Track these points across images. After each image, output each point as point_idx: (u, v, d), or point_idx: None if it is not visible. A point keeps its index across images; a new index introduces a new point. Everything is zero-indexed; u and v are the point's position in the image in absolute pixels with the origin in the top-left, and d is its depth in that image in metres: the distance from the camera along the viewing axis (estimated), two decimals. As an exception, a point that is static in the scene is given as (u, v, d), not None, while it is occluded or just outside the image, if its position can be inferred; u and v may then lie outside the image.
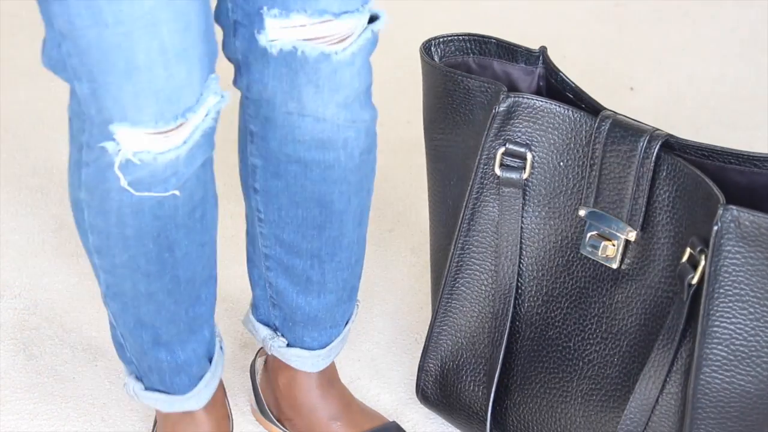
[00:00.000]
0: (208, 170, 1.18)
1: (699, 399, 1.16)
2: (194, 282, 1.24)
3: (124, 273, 1.20)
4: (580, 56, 2.14)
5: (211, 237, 1.24)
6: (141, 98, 1.04)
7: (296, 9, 1.11)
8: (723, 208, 1.10)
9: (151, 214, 1.14)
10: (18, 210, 1.78)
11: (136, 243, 1.17)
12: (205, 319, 1.29)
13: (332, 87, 1.16)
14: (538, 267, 1.31)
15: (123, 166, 1.09)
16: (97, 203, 1.15)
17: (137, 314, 1.24)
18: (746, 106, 2.03)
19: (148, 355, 1.28)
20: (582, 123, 1.25)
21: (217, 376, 1.35)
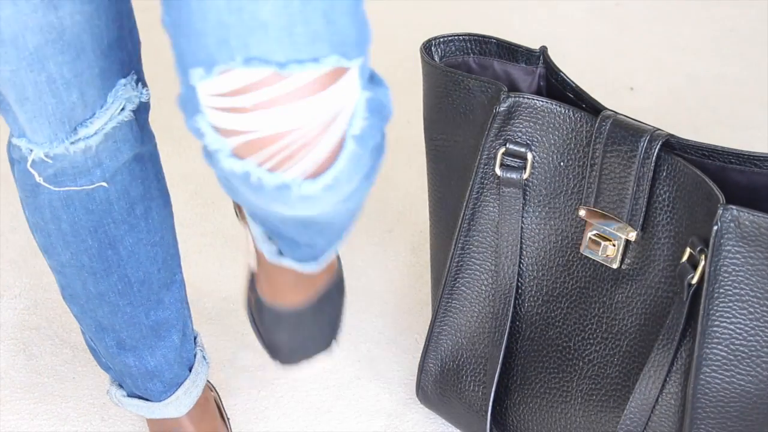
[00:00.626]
0: (147, 167, 1.16)
1: (699, 399, 1.16)
2: (150, 284, 1.22)
3: (72, 272, 1.20)
4: (580, 56, 2.14)
5: (163, 238, 1.21)
6: (34, 123, 1.05)
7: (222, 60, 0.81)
8: (723, 208, 1.10)
9: (82, 207, 1.14)
10: (18, 210, 1.78)
11: (74, 239, 1.17)
12: (173, 324, 1.27)
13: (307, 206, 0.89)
14: (539, 267, 1.31)
15: (39, 163, 1.09)
16: (31, 200, 1.16)
17: (95, 317, 1.24)
18: (746, 106, 2.03)
19: (117, 360, 1.28)
20: (582, 123, 1.25)
21: (198, 385, 1.34)
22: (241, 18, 0.80)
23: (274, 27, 0.80)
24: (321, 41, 0.81)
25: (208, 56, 0.81)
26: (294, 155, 0.83)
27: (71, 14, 0.98)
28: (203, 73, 0.82)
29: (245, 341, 1.57)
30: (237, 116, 0.82)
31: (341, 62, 0.81)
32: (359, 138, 0.85)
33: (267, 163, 0.84)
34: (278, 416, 1.48)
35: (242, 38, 0.80)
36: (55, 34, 0.99)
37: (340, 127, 0.84)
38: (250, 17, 0.79)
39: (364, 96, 0.84)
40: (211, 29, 0.80)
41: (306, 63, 0.80)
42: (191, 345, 1.33)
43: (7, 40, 0.97)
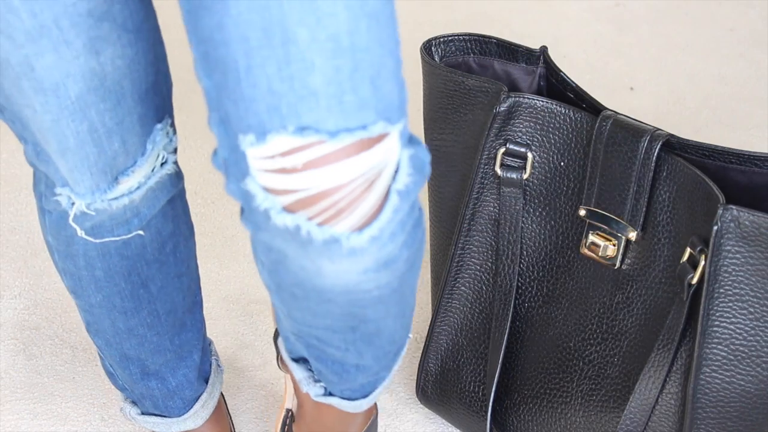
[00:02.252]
0: (177, 205, 1.15)
1: (699, 399, 1.16)
2: (176, 312, 1.23)
3: (101, 312, 1.19)
4: (580, 56, 2.14)
5: (189, 267, 1.21)
6: (75, 173, 1.02)
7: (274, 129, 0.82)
8: (723, 208, 1.10)
9: (117, 254, 1.13)
10: (18, 210, 1.78)
11: (107, 284, 1.16)
12: (194, 344, 1.28)
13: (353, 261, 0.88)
14: (539, 267, 1.31)
15: (78, 216, 1.07)
16: (63, 248, 1.14)
17: (121, 349, 1.23)
18: (746, 106, 2.03)
19: (139, 384, 1.28)
20: (583, 123, 1.25)
21: (214, 396, 1.35)
22: (292, 86, 0.80)
23: (324, 95, 0.81)
24: (368, 108, 0.82)
25: (259, 123, 0.82)
26: (343, 210, 0.85)
27: (112, 59, 0.96)
28: (254, 140, 0.82)
29: (245, 341, 1.57)
30: (288, 176, 0.83)
31: (387, 128, 0.83)
32: (403, 192, 0.87)
33: (317, 217, 0.85)
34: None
35: (293, 107, 0.81)
36: (96, 80, 0.96)
37: (385, 182, 0.86)
38: (301, 85, 0.80)
39: (407, 153, 0.87)
40: (261, 96, 0.81)
41: (355, 131, 0.82)
42: (208, 357, 1.33)
43: (49, 89, 0.94)
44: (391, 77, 0.85)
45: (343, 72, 0.81)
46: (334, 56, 0.80)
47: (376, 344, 1.04)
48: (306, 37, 0.79)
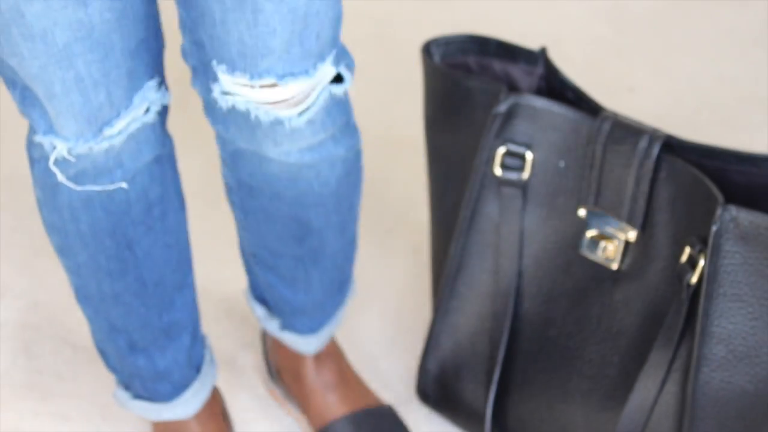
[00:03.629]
0: (166, 169, 1.19)
1: (698, 398, 1.16)
2: (164, 286, 1.24)
3: (87, 273, 1.21)
4: (580, 56, 2.14)
5: (177, 240, 1.24)
6: (61, 118, 1.06)
7: (240, 68, 1.05)
8: (722, 208, 1.10)
9: (102, 208, 1.15)
10: (18, 210, 1.79)
11: (93, 240, 1.18)
12: (184, 326, 1.29)
13: (292, 141, 1.12)
14: (538, 267, 1.31)
15: (61, 162, 1.10)
16: (50, 200, 1.17)
17: (108, 318, 1.25)
18: (746, 106, 2.03)
19: (127, 361, 1.29)
20: (582, 123, 1.25)
21: (207, 386, 1.35)
22: (256, 44, 1.02)
23: (279, 50, 1.03)
24: (311, 56, 1.06)
25: (230, 60, 1.05)
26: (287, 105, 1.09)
27: (100, 12, 1.00)
28: (225, 70, 1.06)
29: (245, 341, 1.57)
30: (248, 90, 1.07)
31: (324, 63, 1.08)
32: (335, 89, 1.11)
33: (264, 107, 1.09)
34: (278, 417, 1.48)
35: (255, 58, 1.03)
36: (84, 31, 1.00)
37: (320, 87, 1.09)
38: (263, 45, 1.02)
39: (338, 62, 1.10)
40: (233, 42, 1.03)
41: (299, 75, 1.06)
42: (200, 346, 1.34)
43: (37, 35, 0.98)
44: (332, 24, 1.06)
45: (296, 33, 1.03)
46: (292, 23, 1.01)
47: (321, 265, 1.28)
48: (271, 9, 1.00)
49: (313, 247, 1.27)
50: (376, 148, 1.88)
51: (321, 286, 1.33)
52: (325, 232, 1.25)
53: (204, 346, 1.36)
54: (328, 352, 1.43)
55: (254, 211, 1.25)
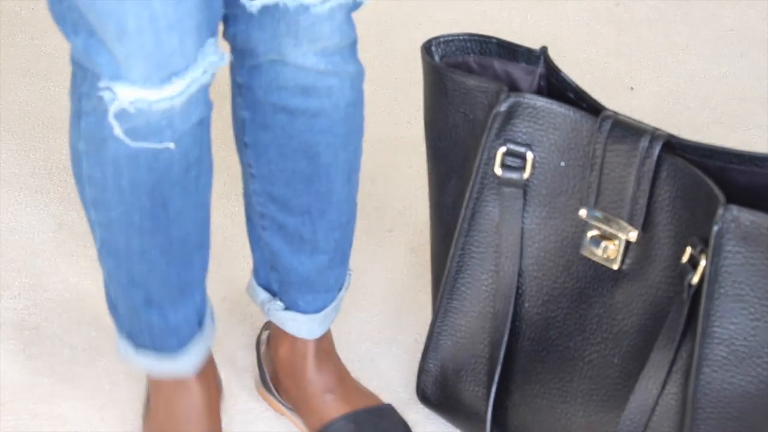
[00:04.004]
0: (204, 131, 1.21)
1: (699, 399, 1.16)
2: (186, 244, 1.27)
3: (119, 228, 1.23)
4: (580, 56, 2.14)
5: (205, 200, 1.27)
6: (131, 59, 1.08)
7: None
8: (723, 208, 1.10)
9: (146, 165, 1.17)
10: (18, 210, 1.78)
11: (131, 196, 1.20)
12: (197, 284, 1.32)
13: (311, 38, 1.19)
14: (539, 267, 1.31)
15: (118, 114, 1.12)
16: (94, 153, 1.18)
17: (130, 272, 1.27)
18: (746, 106, 2.03)
19: (140, 315, 1.31)
20: (583, 123, 1.25)
21: (207, 342, 1.38)
22: None
23: None
24: None
25: None
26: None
27: None
28: None
29: (245, 341, 1.57)
30: None
31: None
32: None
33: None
34: (278, 416, 1.47)
35: None
36: None
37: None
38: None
39: None
40: None
41: None
42: (206, 303, 1.37)
43: None
44: None
45: None
46: None
47: (327, 218, 1.32)
48: None
49: (321, 192, 1.30)
50: (377, 148, 1.87)
51: (326, 248, 1.35)
52: (332, 170, 1.29)
53: (207, 303, 1.39)
54: (326, 351, 1.44)
55: (266, 148, 1.29)
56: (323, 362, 1.43)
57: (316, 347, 1.42)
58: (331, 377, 1.43)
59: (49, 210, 1.78)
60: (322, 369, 1.43)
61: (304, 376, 1.43)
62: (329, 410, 1.41)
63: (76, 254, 1.70)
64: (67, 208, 1.78)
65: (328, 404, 1.42)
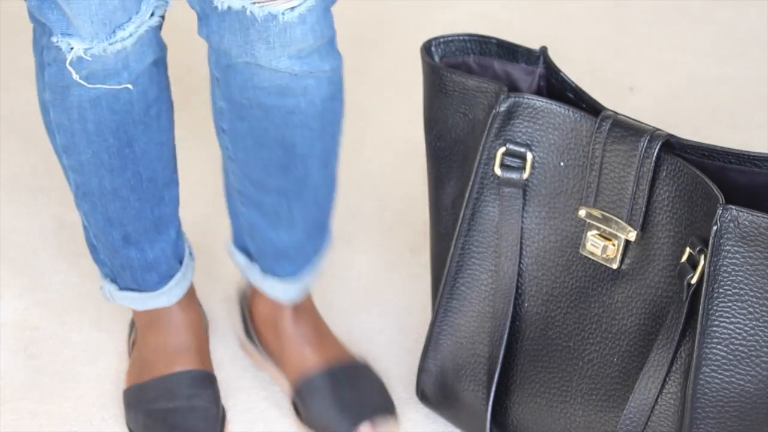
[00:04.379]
0: (162, 71, 1.29)
1: (698, 399, 1.16)
2: (156, 181, 1.34)
3: (90, 170, 1.31)
4: (580, 56, 2.14)
5: (168, 139, 1.34)
6: (78, 20, 1.17)
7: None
8: (722, 208, 1.10)
9: (108, 107, 1.25)
10: (18, 210, 1.78)
11: (98, 138, 1.28)
12: (170, 219, 1.39)
13: (283, 43, 1.21)
14: (538, 267, 1.31)
15: (75, 62, 1.20)
16: (60, 101, 1.26)
17: (106, 212, 1.35)
18: (746, 106, 2.03)
19: (120, 253, 1.38)
20: (582, 123, 1.25)
21: (187, 277, 1.46)
22: None
23: None
24: None
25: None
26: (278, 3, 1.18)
27: None
28: None
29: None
30: None
31: None
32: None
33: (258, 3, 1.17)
34: (278, 416, 1.48)
35: None
36: None
37: None
38: None
39: None
40: None
41: None
42: (182, 241, 1.45)
43: None
44: None
45: None
46: None
47: (304, 199, 1.35)
48: None
49: (297, 177, 1.34)
50: (377, 148, 1.87)
51: (303, 225, 1.39)
52: (309, 160, 1.32)
53: (185, 241, 1.46)
54: (305, 306, 1.48)
55: (242, 136, 1.32)
56: (301, 316, 1.47)
57: (296, 311, 1.47)
58: (309, 330, 1.47)
59: (49, 210, 1.78)
60: (301, 322, 1.47)
61: (284, 328, 1.47)
62: (308, 362, 1.45)
63: (77, 254, 1.70)
64: (67, 208, 1.78)
65: (306, 356, 1.45)
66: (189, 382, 1.43)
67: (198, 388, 1.43)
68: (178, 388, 1.43)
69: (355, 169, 1.82)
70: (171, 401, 1.42)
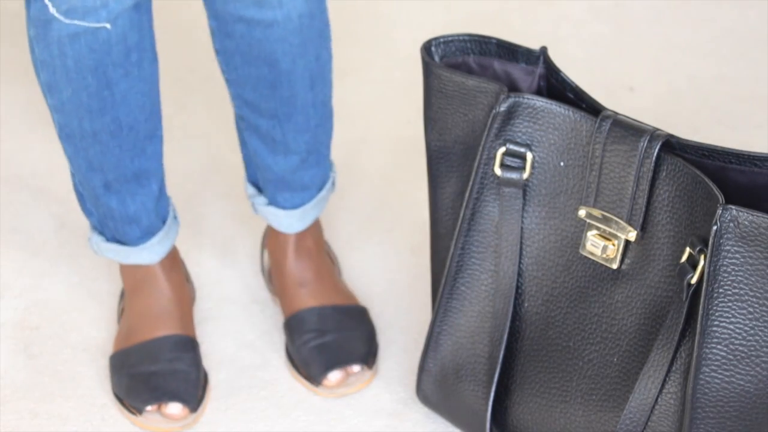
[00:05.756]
0: (144, 18, 1.31)
1: (698, 399, 1.16)
2: (137, 131, 1.37)
3: (71, 109, 1.34)
4: (580, 56, 2.14)
5: (151, 90, 1.37)
6: None
7: None
8: (722, 208, 1.10)
9: (87, 45, 1.28)
10: (18, 210, 1.79)
11: (77, 75, 1.30)
12: (152, 174, 1.43)
13: None
14: (538, 267, 1.31)
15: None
16: (42, 36, 1.29)
17: (87, 156, 1.38)
18: (746, 106, 2.03)
19: (101, 201, 1.43)
20: (582, 123, 1.25)
21: (170, 237, 1.50)
22: None
23: None
24: None
25: None
26: None
27: None
28: None
29: (245, 341, 1.57)
30: None
31: None
32: None
33: None
34: (278, 416, 1.48)
35: None
36: None
37: None
38: None
39: None
40: None
41: None
42: (166, 201, 1.49)
43: None
44: None
45: None
46: None
47: (294, 122, 1.41)
48: None
49: (284, 97, 1.39)
50: (377, 148, 1.87)
51: (297, 150, 1.44)
52: (294, 78, 1.38)
53: (169, 203, 1.50)
54: (308, 250, 1.54)
55: (232, 54, 1.38)
56: (302, 257, 1.53)
57: (296, 243, 1.53)
58: (306, 272, 1.53)
59: (49, 210, 1.78)
60: (300, 263, 1.53)
61: (284, 267, 1.54)
62: (298, 301, 1.52)
63: (77, 254, 1.70)
64: (67, 208, 1.78)
65: (299, 296, 1.52)
66: (171, 346, 1.48)
67: (180, 352, 1.48)
68: (160, 352, 1.48)
69: (355, 169, 1.82)
70: (153, 364, 1.47)
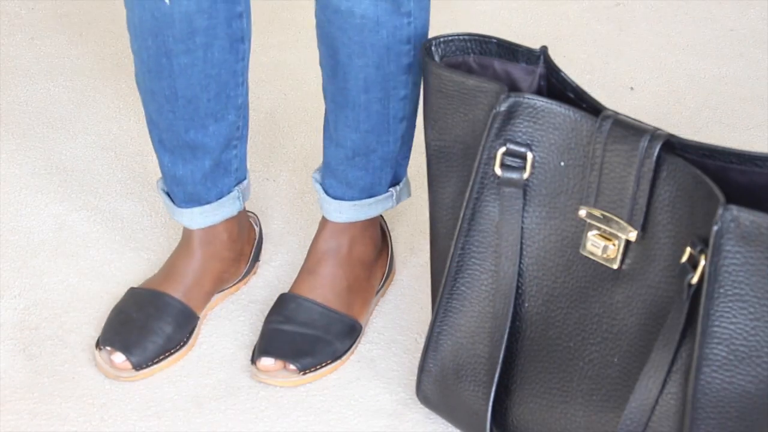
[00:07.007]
0: (219, 9, 1.36)
1: (699, 399, 1.16)
2: (196, 107, 1.42)
3: (138, 60, 1.42)
4: (580, 56, 2.14)
5: (219, 75, 1.42)
6: None
7: None
8: (723, 208, 1.10)
9: (149, 10, 1.35)
10: (18, 210, 1.78)
11: (140, 32, 1.38)
12: (208, 151, 1.48)
13: None
14: (539, 267, 1.31)
15: None
16: None
17: (148, 108, 1.45)
18: (746, 106, 2.03)
19: (158, 150, 1.49)
20: (583, 123, 1.25)
21: (218, 214, 1.54)
22: None
23: None
24: None
25: None
26: None
27: None
28: None
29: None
30: None
31: None
32: None
33: None
34: (278, 416, 1.48)
35: None
36: None
37: None
38: None
39: None
40: None
41: None
42: (228, 180, 1.53)
43: None
44: None
45: None
46: None
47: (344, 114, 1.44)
48: None
49: (339, 87, 1.42)
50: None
51: (343, 144, 1.47)
52: (348, 72, 1.40)
53: (234, 185, 1.55)
54: (338, 250, 1.55)
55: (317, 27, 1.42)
56: (329, 250, 1.55)
57: (331, 232, 1.55)
58: (323, 267, 1.55)
59: (49, 210, 1.78)
60: (324, 254, 1.55)
61: (312, 246, 1.57)
62: (297, 285, 1.55)
63: (76, 254, 1.70)
64: (67, 208, 1.78)
65: (301, 280, 1.55)
66: (161, 305, 1.52)
67: (165, 314, 1.51)
68: (148, 305, 1.52)
69: (355, 169, 1.82)
70: (136, 312, 1.52)
